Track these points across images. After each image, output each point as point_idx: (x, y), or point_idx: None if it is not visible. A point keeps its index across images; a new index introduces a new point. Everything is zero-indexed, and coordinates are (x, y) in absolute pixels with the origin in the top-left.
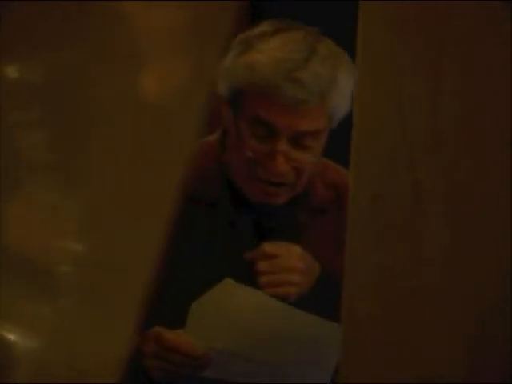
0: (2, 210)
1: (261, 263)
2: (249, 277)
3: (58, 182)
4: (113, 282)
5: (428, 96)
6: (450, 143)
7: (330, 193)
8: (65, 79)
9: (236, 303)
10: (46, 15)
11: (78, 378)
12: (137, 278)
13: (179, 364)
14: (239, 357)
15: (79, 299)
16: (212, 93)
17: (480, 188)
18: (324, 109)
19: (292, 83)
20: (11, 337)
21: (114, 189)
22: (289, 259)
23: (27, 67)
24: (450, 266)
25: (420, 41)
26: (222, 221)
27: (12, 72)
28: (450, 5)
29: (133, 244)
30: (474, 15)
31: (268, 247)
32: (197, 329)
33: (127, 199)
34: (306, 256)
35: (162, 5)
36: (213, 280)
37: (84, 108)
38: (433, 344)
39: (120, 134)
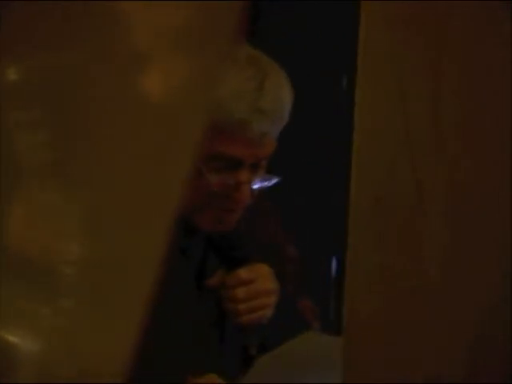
0: (1, 210)
1: (239, 290)
2: (208, 303)
3: (59, 182)
4: (114, 282)
5: (429, 96)
6: (451, 144)
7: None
8: (65, 79)
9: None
10: (45, 15)
11: (79, 378)
12: (138, 278)
13: None
14: None
15: (80, 299)
16: None
17: (481, 188)
18: (278, 130)
19: (258, 115)
20: (12, 337)
21: (115, 189)
22: (264, 282)
23: (27, 67)
24: (450, 266)
25: (420, 41)
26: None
27: (12, 72)
28: (450, 5)
29: (134, 244)
30: (474, 15)
31: (243, 273)
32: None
33: (128, 199)
34: (273, 274)
35: (162, 4)
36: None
37: (84, 108)
38: (433, 344)
39: (121, 134)
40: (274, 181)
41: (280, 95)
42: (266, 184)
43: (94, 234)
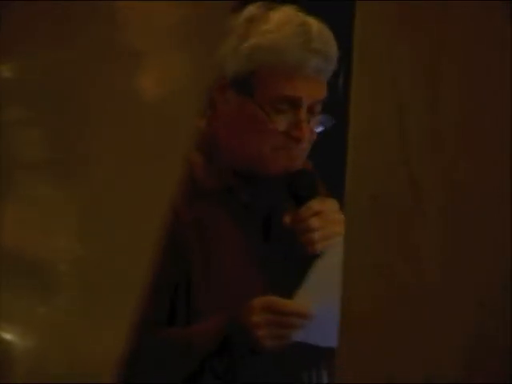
0: None
1: (313, 220)
2: (285, 239)
3: (56, 181)
4: (111, 280)
5: (426, 95)
6: (449, 143)
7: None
8: (63, 78)
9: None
10: (45, 15)
11: (76, 378)
12: (135, 277)
13: (291, 326)
14: (329, 306)
15: (77, 298)
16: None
17: (478, 188)
18: (330, 70)
19: (314, 54)
20: (9, 336)
21: (112, 187)
22: (333, 213)
23: (26, 66)
24: (448, 265)
25: (418, 40)
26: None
27: (11, 71)
28: (449, 4)
29: (131, 243)
30: (473, 15)
31: (316, 204)
32: (312, 288)
33: (125, 197)
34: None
35: (160, 4)
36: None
37: (82, 106)
38: (431, 344)
39: (118, 132)
40: (330, 123)
41: (328, 38)
42: (323, 125)
43: (89, 233)
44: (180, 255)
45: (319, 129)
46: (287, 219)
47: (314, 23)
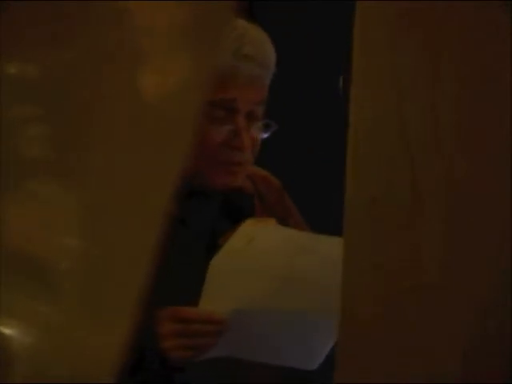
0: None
1: None
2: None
3: (57, 179)
4: (112, 279)
5: (426, 96)
6: (449, 144)
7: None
8: (64, 77)
9: (260, 249)
10: (45, 15)
11: (77, 378)
12: (136, 276)
13: (200, 334)
14: (264, 313)
15: (78, 297)
16: None
17: (478, 188)
18: (267, 74)
19: (244, 60)
20: (9, 335)
21: (112, 186)
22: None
23: (27, 65)
24: (448, 265)
25: (417, 40)
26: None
27: (12, 70)
28: (449, 5)
29: (132, 242)
30: (473, 15)
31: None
32: (218, 289)
33: (125, 196)
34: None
35: (160, 4)
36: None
37: (83, 105)
38: (432, 344)
39: (119, 130)
40: (273, 129)
41: (262, 42)
42: (265, 132)
43: (90, 231)
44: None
45: (263, 135)
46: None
47: (249, 28)
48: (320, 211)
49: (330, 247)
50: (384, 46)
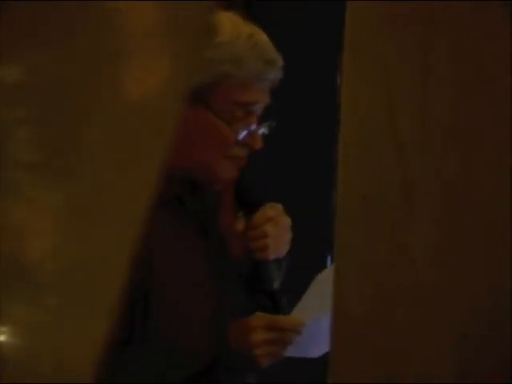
0: None
1: (268, 226)
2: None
3: (44, 180)
4: (98, 281)
5: (417, 95)
6: (441, 142)
7: None
8: (50, 78)
9: None
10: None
11: (64, 377)
12: (121, 279)
13: (287, 342)
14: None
15: (65, 298)
16: None
17: (469, 187)
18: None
19: (270, 66)
20: None
21: (100, 186)
22: (282, 218)
23: (13, 66)
24: (440, 265)
25: (408, 40)
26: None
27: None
28: (445, 5)
29: (114, 243)
30: (471, 15)
31: (269, 210)
32: (310, 298)
33: (112, 197)
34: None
35: (141, 4)
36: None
37: (69, 106)
38: (427, 344)
39: (106, 132)
40: (273, 125)
41: (273, 47)
42: (267, 130)
43: (76, 233)
44: (139, 267)
45: (263, 133)
46: (239, 226)
47: (259, 33)
48: (311, 209)
49: None
50: (375, 45)
